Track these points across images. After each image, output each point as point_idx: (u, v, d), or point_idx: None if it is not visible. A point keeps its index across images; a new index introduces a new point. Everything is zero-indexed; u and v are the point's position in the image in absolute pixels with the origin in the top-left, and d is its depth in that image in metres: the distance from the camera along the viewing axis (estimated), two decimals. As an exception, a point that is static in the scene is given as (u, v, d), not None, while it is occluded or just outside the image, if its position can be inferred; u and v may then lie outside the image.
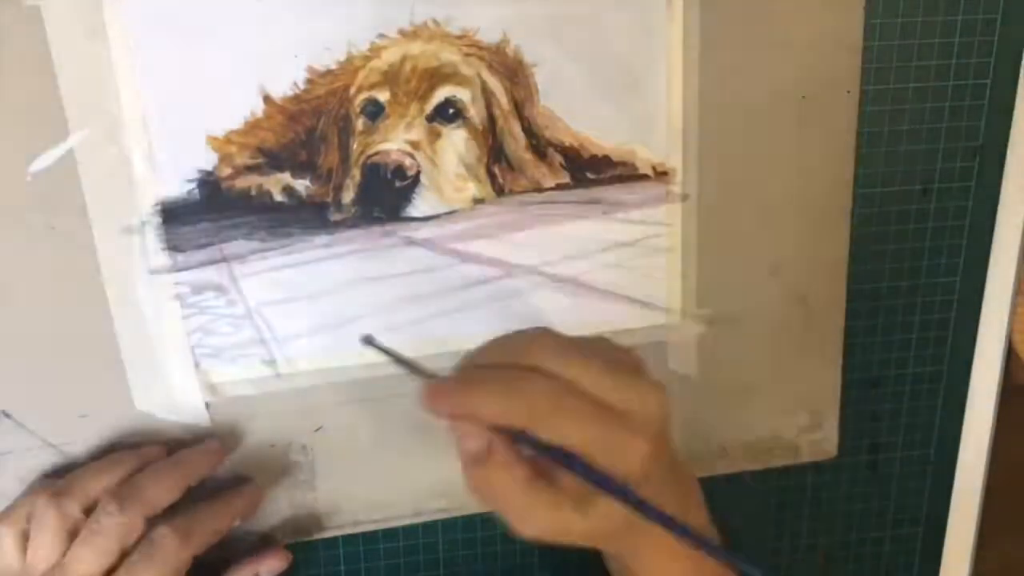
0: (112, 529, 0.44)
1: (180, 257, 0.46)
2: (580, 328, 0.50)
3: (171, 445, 0.49)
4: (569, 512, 0.39)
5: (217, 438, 0.49)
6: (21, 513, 0.46)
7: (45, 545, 0.44)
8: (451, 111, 0.47)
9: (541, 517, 0.40)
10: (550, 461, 0.39)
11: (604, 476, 0.39)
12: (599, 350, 0.41)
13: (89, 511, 0.45)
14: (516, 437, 0.39)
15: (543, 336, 0.41)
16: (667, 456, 0.42)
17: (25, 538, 0.45)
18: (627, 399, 0.39)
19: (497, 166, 0.48)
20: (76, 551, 0.44)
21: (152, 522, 0.45)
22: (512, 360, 0.40)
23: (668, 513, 0.39)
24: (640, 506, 0.39)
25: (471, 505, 0.55)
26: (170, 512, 0.46)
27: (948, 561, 0.62)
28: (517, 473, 0.39)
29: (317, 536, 0.53)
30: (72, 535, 0.44)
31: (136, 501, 0.45)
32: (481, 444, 0.39)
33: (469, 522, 0.55)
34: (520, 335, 0.42)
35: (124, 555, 0.44)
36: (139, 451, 0.48)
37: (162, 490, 0.46)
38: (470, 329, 0.50)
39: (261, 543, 0.52)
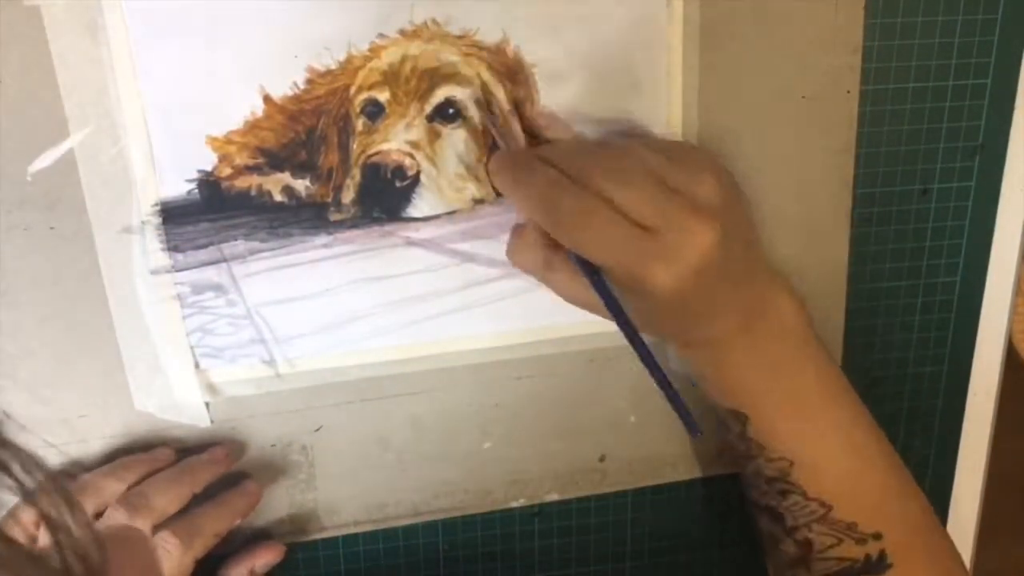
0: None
1: (180, 257, 0.46)
2: (581, 327, 0.51)
3: (178, 448, 0.49)
4: (590, 294, 0.44)
5: (224, 445, 0.49)
6: (27, 517, 0.46)
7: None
8: (451, 111, 0.47)
9: (562, 290, 0.46)
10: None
11: (610, 297, 0.43)
12: (656, 166, 0.43)
13: (98, 516, 0.45)
14: None
15: (607, 153, 0.45)
16: (713, 283, 0.43)
17: (32, 542, 0.45)
18: (661, 223, 0.42)
19: (497, 166, 0.48)
20: None
21: (156, 526, 0.45)
22: (571, 169, 0.43)
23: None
24: (628, 335, 0.44)
25: (471, 505, 0.55)
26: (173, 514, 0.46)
27: (948, 561, 0.62)
28: (538, 255, 0.46)
29: (317, 536, 0.53)
30: None
31: (144, 509, 0.45)
32: (519, 219, 0.47)
33: (469, 522, 0.55)
34: (597, 146, 0.47)
35: None
36: (149, 456, 0.48)
37: (170, 498, 0.46)
38: (470, 329, 0.50)
39: (255, 537, 0.52)
